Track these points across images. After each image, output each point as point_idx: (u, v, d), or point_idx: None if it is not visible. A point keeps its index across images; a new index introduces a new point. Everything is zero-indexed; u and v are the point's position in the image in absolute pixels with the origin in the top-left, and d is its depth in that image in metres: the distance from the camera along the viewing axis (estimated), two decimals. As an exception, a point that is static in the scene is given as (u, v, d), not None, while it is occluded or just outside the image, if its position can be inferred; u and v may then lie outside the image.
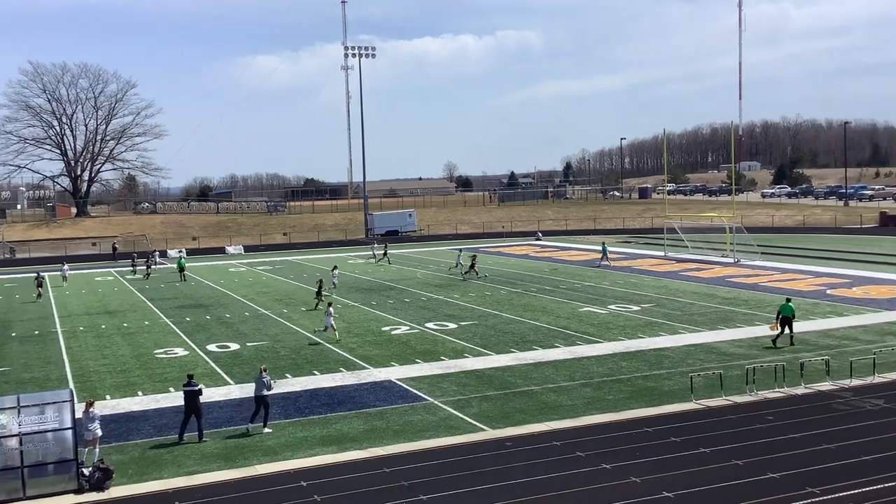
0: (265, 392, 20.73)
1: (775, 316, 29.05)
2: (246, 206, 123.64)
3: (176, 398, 23.78)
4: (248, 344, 32.11)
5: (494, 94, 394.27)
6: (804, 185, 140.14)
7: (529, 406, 22.10)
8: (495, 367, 26.69)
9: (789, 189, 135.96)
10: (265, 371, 21.15)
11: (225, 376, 26.69)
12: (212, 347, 31.66)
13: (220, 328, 36.02)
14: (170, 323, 37.96)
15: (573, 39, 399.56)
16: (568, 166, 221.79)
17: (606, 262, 55.16)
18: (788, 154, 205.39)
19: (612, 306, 38.01)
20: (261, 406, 20.70)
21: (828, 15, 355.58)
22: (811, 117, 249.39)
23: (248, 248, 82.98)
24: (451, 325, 34.49)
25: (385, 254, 64.09)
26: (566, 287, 45.25)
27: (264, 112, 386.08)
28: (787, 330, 28.38)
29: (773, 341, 28.31)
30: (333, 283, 45.81)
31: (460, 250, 59.08)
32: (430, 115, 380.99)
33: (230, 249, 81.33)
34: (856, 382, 23.24)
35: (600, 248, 58.49)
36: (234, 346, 31.70)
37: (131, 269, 62.05)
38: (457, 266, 53.94)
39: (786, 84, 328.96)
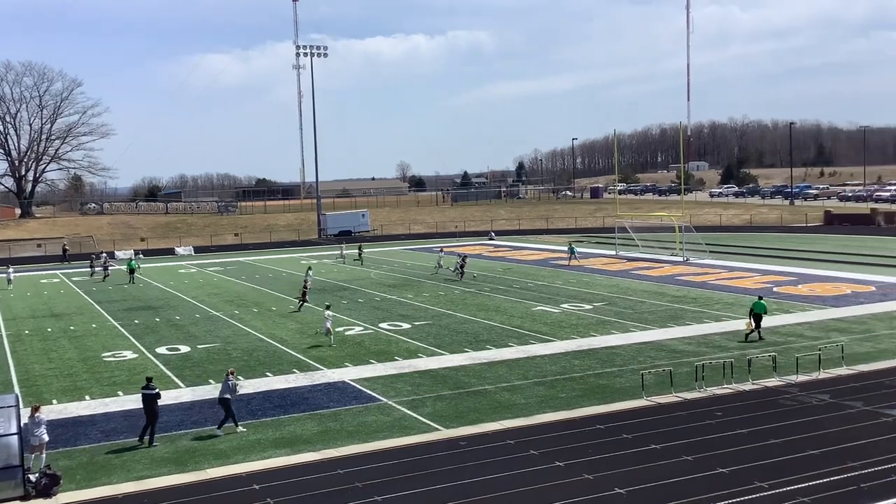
0: (227, 395, 20.52)
1: (748, 313, 29.96)
2: (196, 207, 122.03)
3: (124, 402, 23.45)
4: (198, 346, 31.69)
5: (447, 95, 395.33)
6: (751, 185, 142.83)
7: (483, 405, 22.18)
8: (449, 367, 26.73)
9: (736, 189, 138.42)
10: (232, 374, 21.00)
11: (175, 379, 26.31)
12: (161, 350, 31.19)
13: (170, 330, 35.50)
14: (118, 325, 37.30)
15: (525, 40, 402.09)
16: (521, 166, 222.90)
17: (575, 261, 55.45)
18: (736, 154, 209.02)
19: (565, 305, 38.33)
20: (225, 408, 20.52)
21: (773, 17, 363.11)
22: (757, 118, 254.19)
23: (198, 249, 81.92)
24: (405, 326, 34.45)
25: (360, 254, 63.46)
26: (519, 286, 45.50)
27: (215, 111, 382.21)
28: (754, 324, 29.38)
29: (746, 336, 29.11)
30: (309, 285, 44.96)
31: (440, 249, 58.67)
32: (382, 115, 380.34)
33: (180, 250, 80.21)
34: (802, 378, 23.76)
35: (566, 248, 58.69)
36: (184, 349, 31.26)
37: (90, 270, 60.71)
38: (438, 267, 53.30)
39: (733, 85, 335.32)
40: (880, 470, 16.26)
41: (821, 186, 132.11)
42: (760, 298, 30.39)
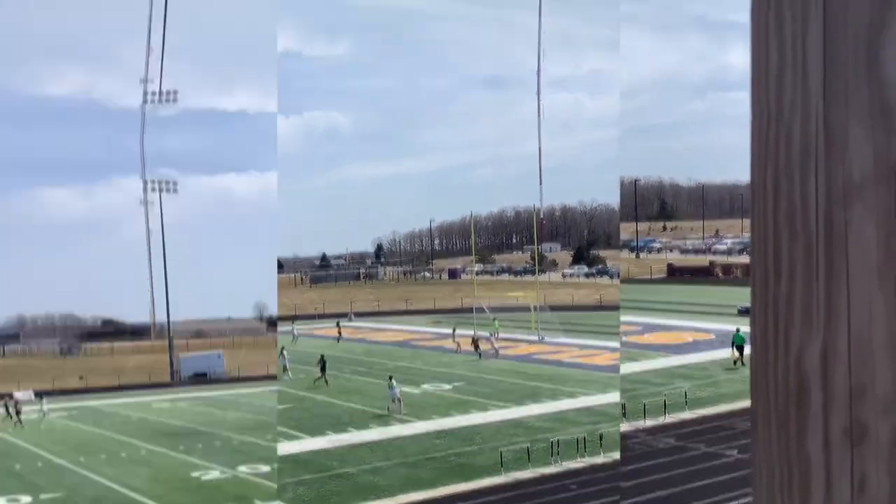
0: None
1: (731, 345, 33.74)
2: (36, 349, 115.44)
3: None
4: (41, 496, 29.40)
5: (305, 177, 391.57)
6: (600, 266, 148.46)
7: (345, 488, 21.88)
8: (311, 451, 26.25)
9: (587, 269, 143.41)
10: None
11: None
12: (-1, 502, 28.88)
13: (8, 480, 32.80)
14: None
15: (381, 122, 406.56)
16: (379, 248, 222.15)
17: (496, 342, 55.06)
18: (585, 237, 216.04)
19: (426, 385, 38.27)
20: None
21: (615, 104, 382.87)
22: (605, 202, 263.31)
23: (39, 394, 76.69)
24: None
25: (323, 371, 54.28)
26: (380, 368, 44.90)
27: (56, 248, 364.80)
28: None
29: (735, 362, 33.04)
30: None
31: (453, 329, 56.39)
32: (236, 243, 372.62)
33: (19, 395, 74.75)
34: (649, 423, 24.49)
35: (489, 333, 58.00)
36: (25, 499, 29.01)
37: (15, 415, 52.88)
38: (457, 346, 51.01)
39: (581, 170, 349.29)
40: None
41: (664, 240, 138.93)
42: (738, 330, 33.31)
